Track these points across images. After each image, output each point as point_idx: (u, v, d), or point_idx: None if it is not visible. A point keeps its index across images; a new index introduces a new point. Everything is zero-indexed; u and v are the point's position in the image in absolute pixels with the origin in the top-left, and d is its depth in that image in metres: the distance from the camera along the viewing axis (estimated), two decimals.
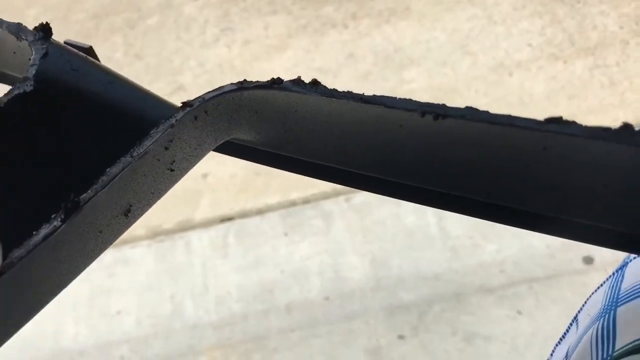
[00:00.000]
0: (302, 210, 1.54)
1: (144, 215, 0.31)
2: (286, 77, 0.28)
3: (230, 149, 0.33)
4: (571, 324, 0.41)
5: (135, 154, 0.27)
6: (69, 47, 0.32)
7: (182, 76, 1.89)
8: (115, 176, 0.26)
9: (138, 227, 1.58)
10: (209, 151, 0.31)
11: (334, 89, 0.27)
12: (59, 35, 0.32)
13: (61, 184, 0.28)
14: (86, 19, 2.12)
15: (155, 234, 1.58)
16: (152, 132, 0.28)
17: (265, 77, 0.29)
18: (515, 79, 1.71)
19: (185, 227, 1.58)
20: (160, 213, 1.60)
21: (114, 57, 1.96)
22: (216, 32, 1.99)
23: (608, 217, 0.24)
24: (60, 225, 0.24)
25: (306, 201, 1.56)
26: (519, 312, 1.30)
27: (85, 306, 1.48)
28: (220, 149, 0.33)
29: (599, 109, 1.59)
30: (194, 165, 0.31)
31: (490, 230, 1.40)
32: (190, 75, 1.88)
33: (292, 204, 1.56)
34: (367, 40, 1.88)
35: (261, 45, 1.94)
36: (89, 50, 0.33)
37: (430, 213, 1.46)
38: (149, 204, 0.30)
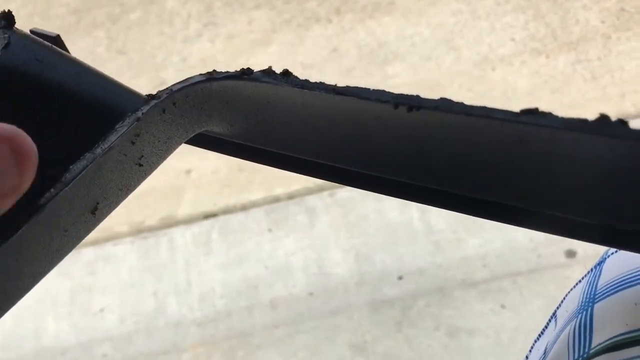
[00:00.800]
0: (286, 206, 1.53)
1: (127, 212, 0.30)
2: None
3: (203, 141, 0.32)
4: (550, 320, 0.41)
5: (99, 149, 0.26)
6: (33, 36, 0.31)
7: (165, 71, 1.87)
8: (79, 173, 0.25)
9: (120, 224, 1.57)
10: (179, 144, 0.30)
11: (305, 79, 0.26)
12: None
13: None
14: (67, 13, 2.09)
15: (138, 231, 1.57)
16: (117, 126, 0.27)
17: None
18: (499, 74, 1.72)
19: (168, 223, 1.57)
20: (142, 209, 1.59)
21: (97, 52, 1.93)
22: (199, 27, 1.98)
23: (588, 210, 0.24)
24: (22, 226, 0.24)
25: (290, 197, 1.55)
26: (503, 307, 1.31)
27: (66, 304, 1.47)
28: (192, 142, 0.32)
29: (582, 103, 1.60)
30: (164, 160, 0.30)
31: (474, 224, 1.41)
32: (173, 71, 1.86)
33: (276, 199, 1.56)
34: (351, 35, 1.88)
35: (245, 40, 1.93)
36: (57, 39, 0.32)
37: (414, 208, 1.46)
38: (117, 201, 0.29)
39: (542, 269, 1.34)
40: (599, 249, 0.41)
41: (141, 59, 1.92)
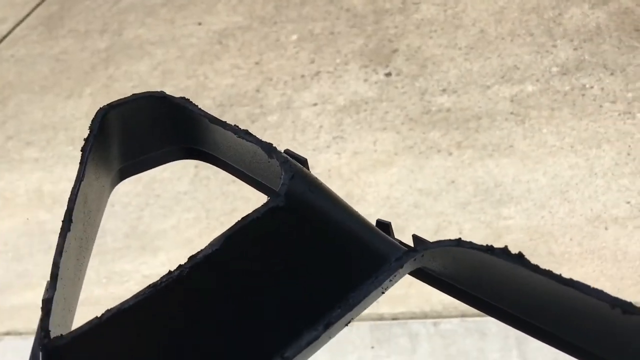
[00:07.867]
0: (390, 327, 1.61)
1: None
2: (390, 192, 0.33)
3: (421, 274, 0.38)
4: None
5: (374, 284, 0.32)
6: (307, 170, 0.38)
7: None
8: (361, 300, 0.32)
9: None
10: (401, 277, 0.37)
11: (536, 264, 0.30)
12: None
13: (297, 301, 0.34)
14: (213, 105, 2.33)
15: None
16: (384, 268, 0.33)
17: (369, 189, 0.35)
18: (611, 234, 1.76)
19: None
20: None
21: None
22: (329, 139, 2.15)
23: None
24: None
25: (394, 317, 1.63)
26: None
27: None
28: (413, 274, 0.38)
29: None
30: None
31: None
32: None
33: (380, 317, 1.64)
34: (469, 171, 1.99)
35: (368, 158, 2.08)
36: (305, 162, 0.39)
37: (515, 354, 1.50)
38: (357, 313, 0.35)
39: None
40: None
41: None
